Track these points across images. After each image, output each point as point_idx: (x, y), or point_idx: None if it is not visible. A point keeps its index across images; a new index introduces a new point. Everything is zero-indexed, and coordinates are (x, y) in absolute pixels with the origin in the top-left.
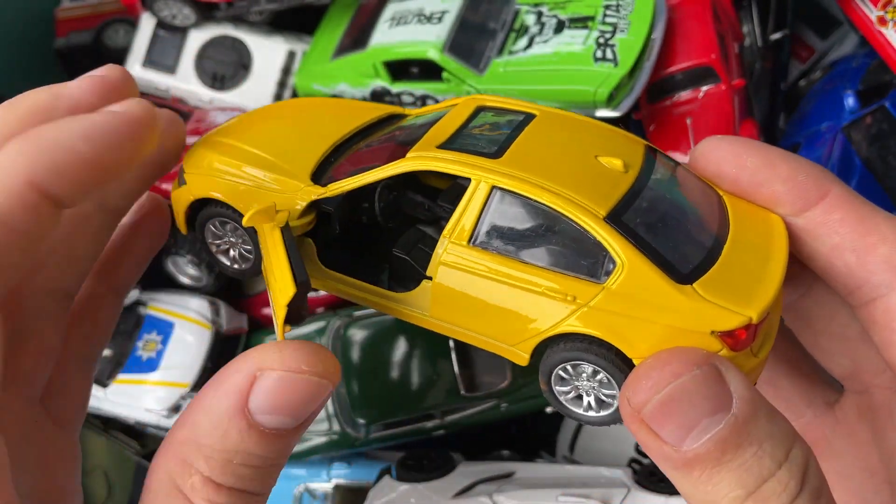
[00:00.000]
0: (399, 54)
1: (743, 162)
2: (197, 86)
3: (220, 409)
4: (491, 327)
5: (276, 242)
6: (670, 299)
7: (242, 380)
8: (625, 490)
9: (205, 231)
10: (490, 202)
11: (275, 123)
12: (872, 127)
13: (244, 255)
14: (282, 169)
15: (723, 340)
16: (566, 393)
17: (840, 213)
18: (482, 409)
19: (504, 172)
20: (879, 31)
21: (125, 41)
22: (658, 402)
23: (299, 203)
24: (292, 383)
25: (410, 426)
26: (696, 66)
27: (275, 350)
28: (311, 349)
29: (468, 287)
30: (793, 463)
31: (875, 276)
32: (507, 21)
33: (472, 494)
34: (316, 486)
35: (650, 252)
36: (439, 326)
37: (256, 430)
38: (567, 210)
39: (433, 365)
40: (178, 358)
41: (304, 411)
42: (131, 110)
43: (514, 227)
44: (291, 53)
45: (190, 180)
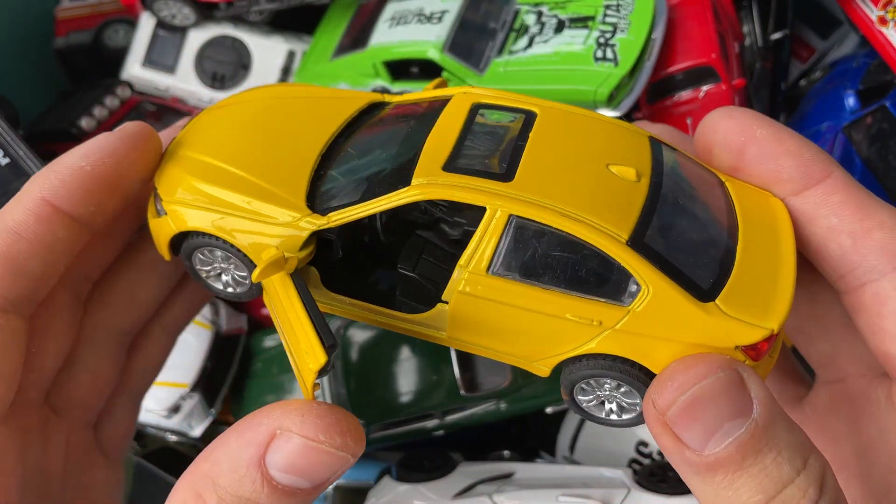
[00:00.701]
0: (399, 54)
1: (753, 132)
2: (197, 86)
3: (239, 455)
4: (511, 347)
5: (290, 295)
6: (695, 318)
7: (263, 435)
8: (625, 490)
9: (192, 259)
10: (507, 230)
11: (247, 130)
12: (873, 127)
13: (238, 279)
14: (272, 194)
15: (746, 353)
16: (588, 401)
17: (840, 196)
18: (482, 409)
19: (520, 199)
20: (880, 30)
21: (125, 41)
22: (683, 403)
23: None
24: (309, 451)
25: (410, 426)
26: (696, 65)
27: (297, 414)
28: (334, 419)
29: (488, 313)
30: (811, 471)
31: (868, 260)
32: (507, 21)
33: (472, 495)
34: None
35: (673, 273)
36: (456, 344)
37: (270, 484)
38: (589, 237)
39: (433, 365)
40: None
41: (320, 477)
42: (125, 128)
43: (534, 254)
44: (291, 53)
45: (170, 211)
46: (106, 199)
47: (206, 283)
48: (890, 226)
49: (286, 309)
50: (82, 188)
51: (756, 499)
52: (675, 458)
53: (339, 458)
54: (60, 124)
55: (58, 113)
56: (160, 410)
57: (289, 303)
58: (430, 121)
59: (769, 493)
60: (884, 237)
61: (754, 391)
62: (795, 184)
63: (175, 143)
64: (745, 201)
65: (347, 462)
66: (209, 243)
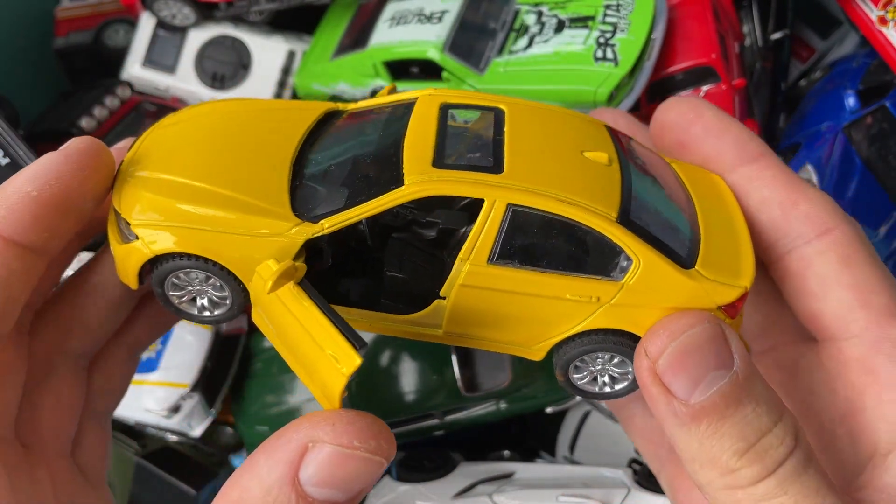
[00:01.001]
0: (399, 54)
1: (701, 112)
2: (197, 86)
3: (270, 477)
4: (511, 335)
5: (304, 304)
6: (681, 284)
7: (294, 451)
8: (625, 490)
9: (164, 285)
10: (506, 219)
11: (206, 145)
12: (873, 127)
13: (216, 301)
14: (256, 207)
15: (725, 312)
16: (581, 378)
17: (772, 172)
18: (482, 409)
19: (517, 188)
20: (880, 30)
21: (125, 41)
22: (673, 350)
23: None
24: (344, 459)
25: (410, 426)
26: (696, 65)
27: (327, 423)
28: (365, 424)
29: (489, 304)
30: (786, 423)
31: (794, 227)
32: (508, 21)
33: (472, 495)
34: None
35: (658, 245)
36: (452, 339)
37: (306, 501)
38: (583, 219)
39: (433, 365)
40: (178, 358)
41: (355, 486)
42: (70, 146)
43: (532, 240)
44: (291, 53)
45: (143, 235)
46: (58, 223)
47: (177, 310)
48: (815, 198)
49: (300, 320)
50: (31, 215)
51: (738, 446)
52: (661, 410)
53: (374, 463)
54: (60, 124)
55: (58, 113)
56: (160, 410)
57: (304, 312)
58: (401, 123)
59: (750, 440)
60: (809, 208)
61: (734, 345)
62: (733, 159)
63: (127, 163)
64: (691, 179)
65: (381, 467)
66: (187, 265)
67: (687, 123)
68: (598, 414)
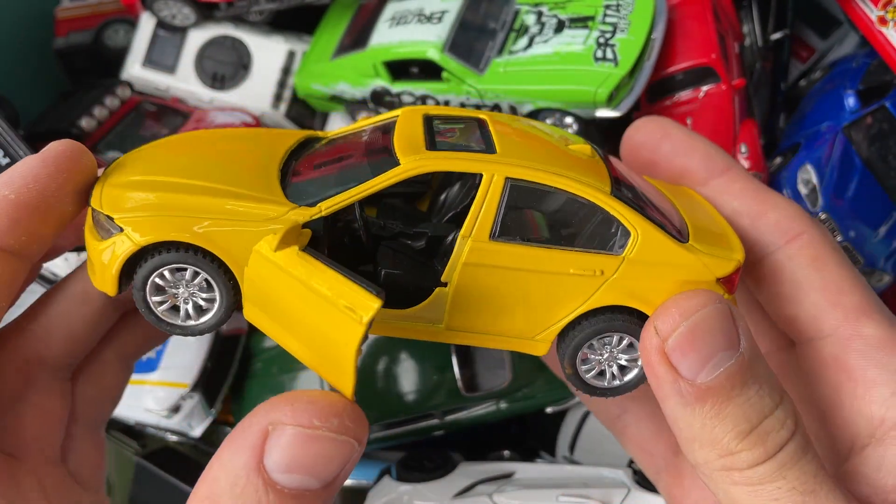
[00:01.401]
0: (399, 54)
1: (668, 131)
2: (197, 86)
3: (235, 465)
4: (514, 323)
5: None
6: (680, 257)
7: (255, 436)
8: (625, 490)
9: (146, 288)
10: (505, 194)
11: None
12: (873, 127)
13: (201, 306)
14: (248, 196)
15: (724, 286)
16: (590, 371)
17: (740, 184)
18: (482, 409)
19: (515, 164)
20: (880, 30)
21: (125, 41)
22: (685, 329)
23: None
24: (307, 440)
25: (410, 426)
26: (696, 65)
27: (286, 404)
28: (326, 402)
29: (493, 284)
30: (786, 406)
31: (765, 236)
32: (507, 21)
33: (472, 495)
34: None
35: (652, 218)
36: (452, 336)
37: (275, 490)
38: (580, 190)
39: (433, 365)
40: (178, 358)
41: (326, 471)
42: (49, 149)
43: (532, 215)
44: (291, 53)
45: (130, 225)
46: (37, 226)
47: (157, 319)
48: (782, 206)
49: (308, 282)
50: (8, 218)
51: (740, 427)
52: (666, 389)
53: (341, 443)
54: (60, 124)
55: (58, 113)
56: (160, 410)
57: (313, 272)
58: (386, 130)
59: (752, 422)
60: (777, 216)
61: (741, 326)
62: (701, 174)
63: (106, 173)
64: (666, 188)
65: (352, 449)
66: (174, 259)
67: (655, 143)
68: None
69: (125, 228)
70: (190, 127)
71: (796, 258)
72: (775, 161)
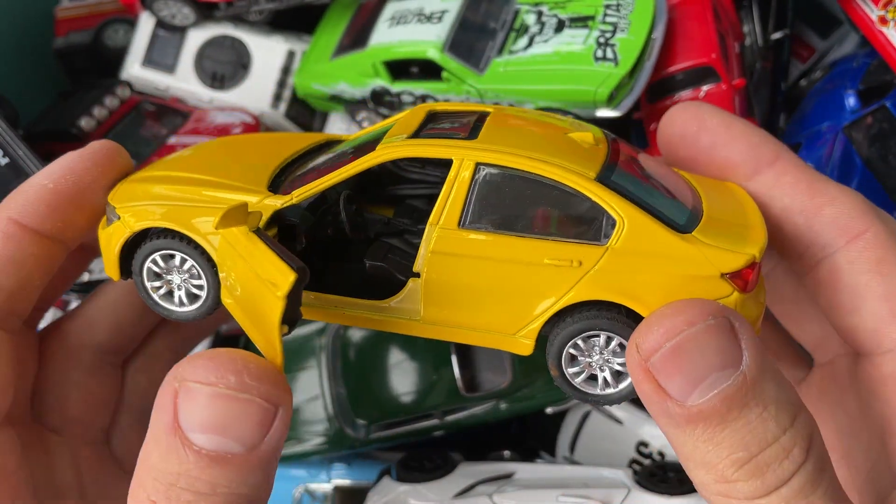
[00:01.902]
0: (399, 54)
1: (704, 122)
2: (196, 85)
3: (156, 427)
4: (492, 317)
5: (252, 244)
6: (674, 247)
7: (168, 395)
8: (625, 490)
9: (143, 273)
10: (476, 180)
11: (203, 155)
12: (873, 126)
13: (193, 293)
14: (233, 186)
15: (733, 283)
16: (578, 374)
17: (790, 177)
18: (482, 409)
19: (486, 148)
20: (880, 30)
21: (124, 41)
22: (669, 349)
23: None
24: (214, 399)
25: (410, 426)
26: (696, 65)
27: (187, 361)
28: (226, 359)
29: (464, 274)
30: (798, 430)
31: (821, 236)
32: (508, 20)
33: (472, 495)
34: (316, 486)
35: (645, 206)
36: (432, 330)
37: (194, 452)
38: (557, 175)
39: (433, 365)
40: None
41: (243, 434)
42: (90, 146)
43: (505, 202)
44: (291, 53)
45: (125, 213)
46: (71, 214)
47: (155, 304)
48: (840, 200)
49: (246, 261)
50: (46, 205)
51: (737, 455)
52: (654, 408)
53: (247, 403)
54: (60, 124)
55: (58, 113)
56: None
57: (252, 254)
58: (385, 130)
59: (751, 450)
60: (834, 212)
61: (745, 341)
62: (747, 168)
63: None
64: (704, 185)
65: (265, 410)
66: (167, 245)
67: (692, 137)
68: (598, 414)
69: (122, 216)
70: (189, 128)
71: (857, 261)
72: None
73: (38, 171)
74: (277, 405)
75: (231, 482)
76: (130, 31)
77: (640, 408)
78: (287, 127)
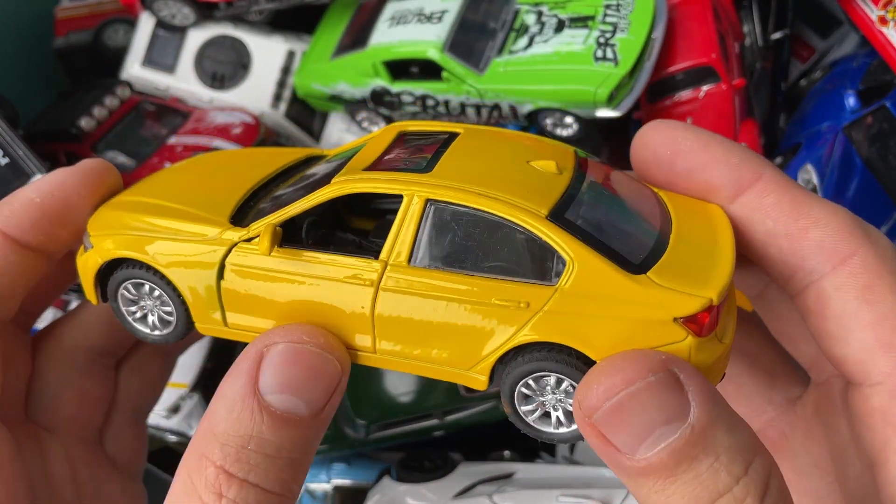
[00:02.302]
0: (399, 54)
1: (678, 145)
2: (196, 85)
3: (232, 392)
4: (443, 352)
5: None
6: (626, 290)
7: (251, 360)
8: (625, 490)
9: (118, 299)
10: (426, 217)
11: (184, 176)
12: (873, 126)
13: (164, 318)
14: (196, 216)
15: (687, 327)
16: (532, 412)
17: (773, 198)
18: (482, 409)
19: (437, 184)
20: (880, 30)
21: (124, 41)
22: (609, 408)
23: (219, 249)
24: (295, 354)
25: (410, 426)
26: (696, 65)
27: (280, 328)
28: (316, 328)
29: (413, 311)
30: (752, 478)
31: (807, 261)
32: (508, 21)
33: (472, 495)
34: (315, 486)
35: (598, 245)
36: (387, 362)
37: (268, 412)
38: (507, 213)
39: None
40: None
41: (312, 393)
42: (80, 164)
43: (455, 239)
44: (291, 53)
45: (96, 243)
46: (56, 229)
47: (132, 327)
48: (825, 222)
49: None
50: (30, 218)
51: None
52: (605, 459)
53: (324, 359)
54: (60, 124)
55: (58, 113)
56: (160, 410)
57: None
58: (356, 151)
59: (702, 502)
60: (820, 235)
61: (693, 392)
62: (728, 191)
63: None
64: (679, 206)
65: (336, 369)
66: (136, 274)
67: (668, 161)
68: None
69: (95, 245)
70: (189, 128)
71: (844, 288)
72: (776, 161)
73: (38, 171)
74: (344, 372)
75: (293, 445)
76: (130, 31)
77: None
78: (287, 127)
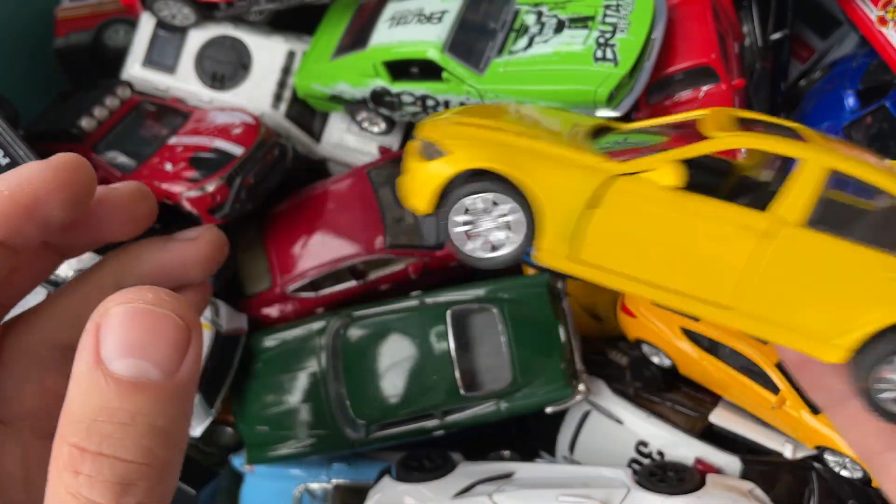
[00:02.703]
0: (399, 54)
1: None
2: (196, 86)
3: (77, 369)
4: (815, 319)
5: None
6: None
7: (89, 333)
8: (625, 490)
9: (451, 210)
10: (826, 184)
11: (508, 115)
12: (873, 127)
13: (493, 243)
14: (569, 143)
15: None
16: (886, 392)
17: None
18: (482, 409)
19: (839, 157)
20: (879, 30)
21: (125, 41)
22: None
23: (595, 178)
24: (130, 316)
25: (410, 426)
26: (696, 66)
27: (115, 294)
28: (145, 287)
29: (800, 271)
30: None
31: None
32: (507, 21)
33: (471, 494)
34: (316, 486)
35: None
36: (740, 322)
37: (114, 380)
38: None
39: (433, 364)
40: None
41: (157, 351)
42: (52, 158)
43: (848, 211)
44: (291, 53)
45: (455, 150)
46: (22, 224)
47: (451, 241)
48: None
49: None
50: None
51: None
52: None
53: (163, 317)
54: (60, 124)
55: (58, 113)
56: None
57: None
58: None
59: None
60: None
61: None
62: None
63: (442, 118)
64: None
65: (178, 324)
66: (488, 188)
67: None
68: (598, 414)
69: (451, 152)
70: (189, 128)
71: None
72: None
73: None
74: (190, 327)
75: (151, 411)
76: (131, 32)
77: (641, 408)
78: (288, 127)
